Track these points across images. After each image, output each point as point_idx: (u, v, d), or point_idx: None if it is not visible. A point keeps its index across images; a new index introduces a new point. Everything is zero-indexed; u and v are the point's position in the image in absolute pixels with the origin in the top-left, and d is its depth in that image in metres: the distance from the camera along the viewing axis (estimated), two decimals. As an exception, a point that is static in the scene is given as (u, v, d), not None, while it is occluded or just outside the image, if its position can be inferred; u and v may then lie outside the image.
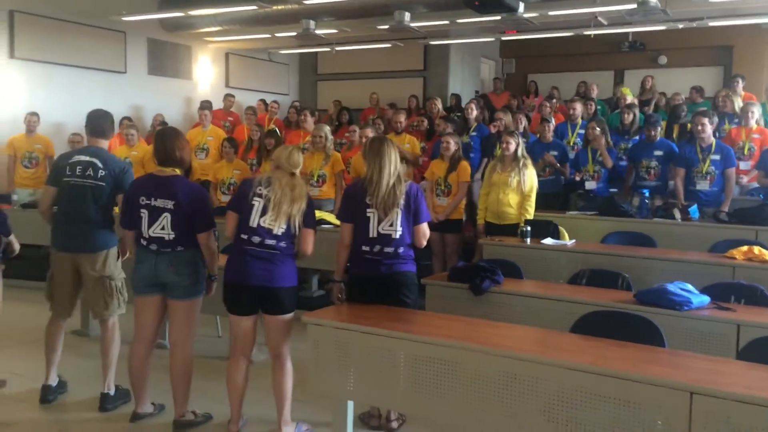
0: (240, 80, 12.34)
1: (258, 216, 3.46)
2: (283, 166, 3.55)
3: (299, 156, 3.63)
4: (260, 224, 3.45)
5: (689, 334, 3.49)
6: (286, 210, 3.45)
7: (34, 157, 8.07)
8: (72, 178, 3.93)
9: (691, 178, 6.24)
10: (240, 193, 3.58)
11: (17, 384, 4.37)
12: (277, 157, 3.62)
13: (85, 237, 3.94)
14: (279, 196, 3.45)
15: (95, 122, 4.09)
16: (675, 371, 2.57)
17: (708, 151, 6.17)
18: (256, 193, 3.49)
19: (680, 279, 3.86)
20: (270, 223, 3.45)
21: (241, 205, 3.52)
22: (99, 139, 4.08)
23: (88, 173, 3.92)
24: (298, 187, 3.52)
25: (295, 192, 3.48)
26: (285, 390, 3.55)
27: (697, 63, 12.41)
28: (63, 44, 9.29)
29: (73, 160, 3.97)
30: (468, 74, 13.20)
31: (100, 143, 4.08)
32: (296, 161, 3.59)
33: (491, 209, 5.91)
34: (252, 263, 3.45)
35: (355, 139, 7.48)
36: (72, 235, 3.95)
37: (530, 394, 2.73)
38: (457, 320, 3.41)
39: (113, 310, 4.01)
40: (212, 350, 5.14)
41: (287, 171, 3.54)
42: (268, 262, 3.45)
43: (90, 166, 3.93)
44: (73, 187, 3.92)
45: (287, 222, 3.47)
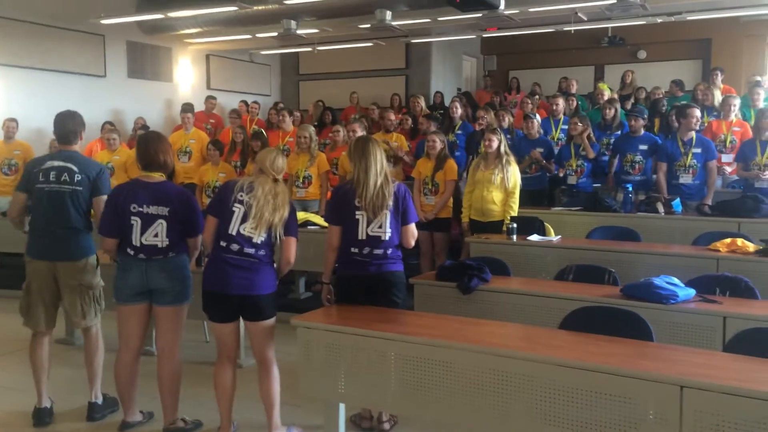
0: (221, 82, 12.27)
1: (238, 223, 3.40)
2: (266, 171, 3.49)
3: (283, 161, 3.58)
4: (240, 231, 3.40)
5: (676, 327, 3.51)
6: (267, 218, 3.39)
7: (13, 164, 7.96)
8: (46, 184, 3.80)
9: (673, 172, 6.29)
10: (220, 197, 3.51)
11: (9, 400, 4.27)
12: (260, 160, 3.55)
13: (65, 245, 3.81)
14: (261, 204, 3.38)
15: (61, 127, 3.90)
16: (665, 365, 2.58)
17: (689, 145, 6.23)
18: (237, 198, 3.42)
19: (665, 272, 3.89)
20: (250, 231, 3.39)
21: (221, 209, 3.45)
22: (69, 144, 3.92)
23: (63, 179, 3.79)
24: (281, 195, 3.45)
25: (277, 200, 3.42)
26: (273, 395, 3.53)
27: (676, 57, 12.53)
28: (41, 49, 9.18)
29: (46, 165, 3.83)
30: (450, 72, 13.24)
31: (72, 148, 3.93)
32: (279, 166, 3.54)
33: (475, 207, 5.92)
34: (231, 272, 3.39)
35: (339, 139, 7.46)
36: (51, 243, 3.81)
37: (522, 392, 2.74)
38: (447, 319, 3.42)
39: (90, 320, 3.91)
40: (200, 356, 5.10)
41: (270, 176, 3.49)
42: (248, 270, 3.40)
43: (65, 171, 3.80)
44: (50, 193, 3.79)
45: (268, 231, 3.42)
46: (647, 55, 12.78)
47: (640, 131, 6.68)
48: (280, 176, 3.53)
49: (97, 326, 3.96)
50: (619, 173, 6.71)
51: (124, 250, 3.60)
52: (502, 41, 12.88)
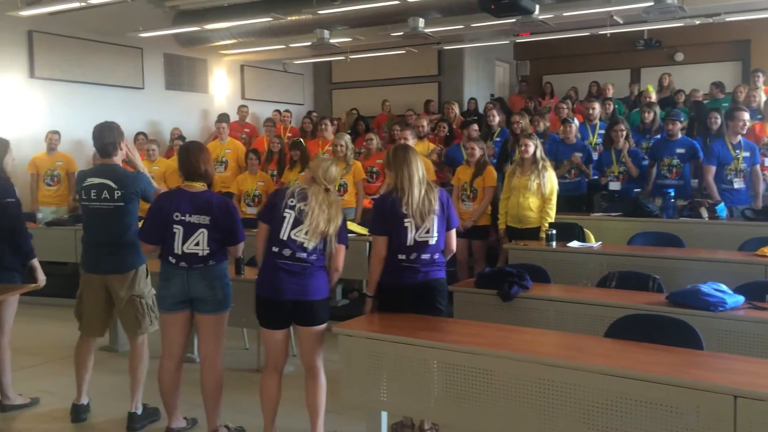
0: (255, 92, 12.41)
1: (289, 228, 3.42)
2: (318, 180, 3.50)
3: (336, 170, 3.58)
4: (291, 237, 3.42)
5: (724, 335, 3.43)
6: (322, 229, 3.41)
7: (56, 175, 8.15)
8: (89, 202, 3.91)
9: (723, 176, 6.11)
10: (271, 203, 3.54)
11: (50, 402, 4.40)
12: (314, 168, 3.56)
13: (114, 259, 3.91)
14: (316, 213, 3.40)
15: (99, 140, 3.96)
16: (717, 374, 2.53)
17: (739, 148, 6.09)
18: (288, 204, 3.44)
19: (711, 279, 3.81)
20: (303, 237, 3.42)
21: (273, 216, 3.48)
22: (107, 158, 3.99)
23: (104, 196, 3.87)
24: (334, 205, 3.47)
25: (331, 210, 3.44)
26: (319, 403, 3.53)
27: (715, 59, 12.28)
28: (81, 62, 9.40)
29: (86, 183, 3.92)
30: (483, 78, 13.18)
31: (112, 160, 3.99)
32: (332, 176, 3.54)
33: (512, 213, 5.88)
34: (284, 278, 3.43)
35: (373, 147, 7.50)
36: (100, 257, 3.93)
37: (567, 402, 2.69)
38: (489, 327, 3.39)
39: (146, 328, 4.00)
40: (240, 362, 5.15)
41: (322, 185, 3.49)
42: (300, 275, 3.43)
43: (105, 189, 3.88)
44: (94, 211, 3.90)
45: (322, 240, 3.45)
46: (684, 57, 12.56)
47: (677, 135, 6.56)
48: (332, 186, 3.54)
49: (144, 336, 4.03)
50: (656, 177, 6.59)
51: (165, 259, 3.65)
52: (535, 46, 12.75)
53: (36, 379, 4.86)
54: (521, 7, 6.56)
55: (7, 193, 4.11)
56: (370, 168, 7.39)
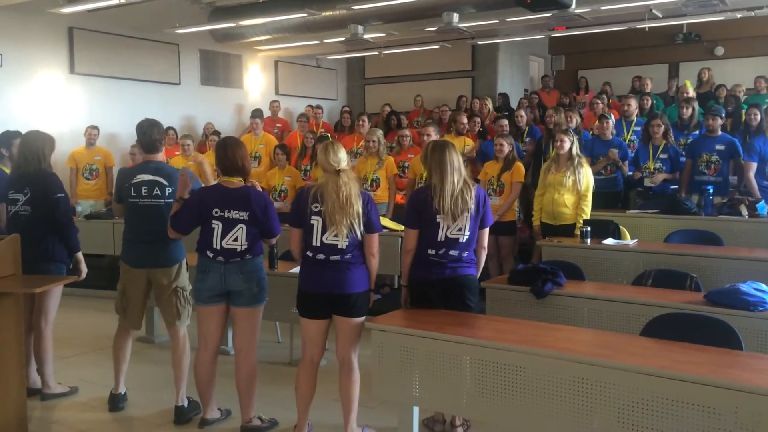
0: (289, 87, 12.49)
1: (320, 234, 3.45)
2: (326, 167, 3.49)
3: (337, 151, 3.50)
4: (324, 242, 3.45)
5: (765, 335, 3.36)
6: (340, 220, 3.40)
7: (94, 169, 8.32)
8: (139, 198, 3.98)
9: (765, 173, 5.97)
10: (297, 209, 3.55)
11: (88, 391, 4.49)
12: (319, 159, 3.57)
13: (161, 253, 3.99)
14: (330, 209, 3.39)
15: (147, 137, 4.05)
16: (757, 375, 2.47)
17: None
18: (313, 211, 3.45)
19: (751, 278, 3.75)
20: (332, 239, 3.44)
21: (302, 221, 3.50)
22: (154, 153, 4.08)
23: (155, 193, 3.96)
24: (343, 188, 3.39)
25: (341, 196, 3.39)
26: (353, 396, 3.55)
27: (757, 53, 11.92)
28: (120, 58, 9.58)
29: (137, 180, 3.98)
30: (517, 73, 13.06)
31: (157, 157, 4.10)
32: (334, 158, 3.47)
33: (546, 210, 5.81)
34: (322, 273, 3.47)
35: (405, 143, 7.49)
36: (147, 252, 3.99)
37: (602, 400, 2.67)
38: (522, 324, 3.37)
39: (184, 320, 4.08)
40: (273, 356, 5.20)
41: (331, 171, 3.47)
42: (338, 270, 3.46)
43: (156, 186, 3.97)
44: (143, 207, 3.97)
45: (349, 231, 3.44)
46: (725, 51, 12.26)
47: (717, 131, 6.43)
48: (342, 165, 3.47)
49: (185, 328, 4.10)
50: (693, 174, 6.46)
51: (203, 252, 3.70)
52: (570, 40, 12.59)
53: (75, 368, 4.97)
54: (557, 1, 6.48)
55: (58, 189, 4.23)
56: (402, 163, 7.38)
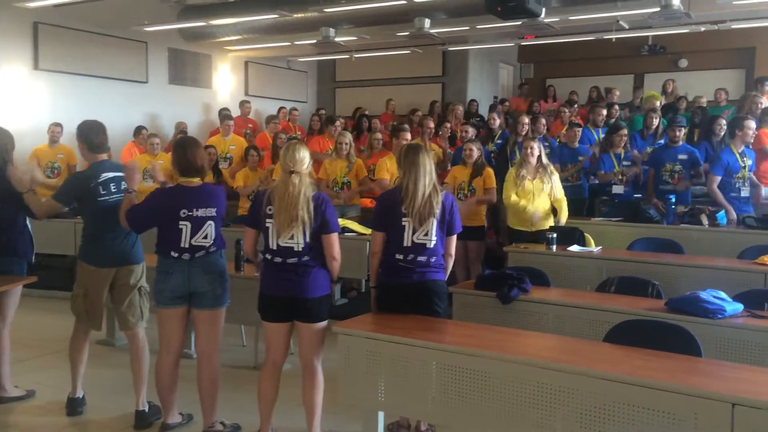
0: (259, 88, 12.41)
1: (276, 237, 3.42)
2: (283, 166, 3.47)
3: (295, 152, 3.44)
4: (279, 245, 3.43)
5: (723, 343, 3.43)
6: (286, 221, 3.35)
7: (56, 167, 8.15)
8: (109, 195, 3.92)
9: (732, 185, 6.04)
10: (253, 211, 3.55)
11: (46, 395, 4.38)
12: (280, 158, 3.56)
13: (130, 250, 3.97)
14: (278, 208, 3.37)
15: (95, 137, 3.98)
16: (715, 382, 2.52)
17: (744, 156, 6.08)
18: (267, 214, 3.43)
19: (710, 286, 3.81)
20: (288, 242, 3.41)
21: (257, 223, 3.50)
22: (101, 153, 4.01)
23: (124, 187, 3.91)
24: (289, 188, 3.35)
25: (286, 199, 3.35)
26: (315, 401, 3.53)
27: (719, 66, 12.26)
28: (86, 55, 9.40)
29: (103, 178, 3.92)
30: (486, 80, 13.18)
31: (104, 156, 4.02)
32: (297, 158, 3.42)
33: (522, 217, 5.77)
34: (281, 276, 3.45)
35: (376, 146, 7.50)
36: (115, 251, 3.93)
37: (565, 406, 2.69)
38: (489, 330, 3.39)
39: (145, 320, 4.03)
40: (237, 360, 5.14)
41: (287, 171, 3.44)
42: (297, 274, 3.44)
43: (122, 181, 3.94)
44: (112, 204, 3.90)
45: (303, 231, 3.39)
46: (689, 64, 12.55)
47: (680, 141, 6.57)
48: (299, 167, 3.42)
49: (143, 330, 4.04)
50: (657, 183, 6.59)
51: (167, 254, 3.64)
52: (539, 49, 12.75)
53: (32, 371, 4.85)
54: (528, 9, 6.55)
55: None
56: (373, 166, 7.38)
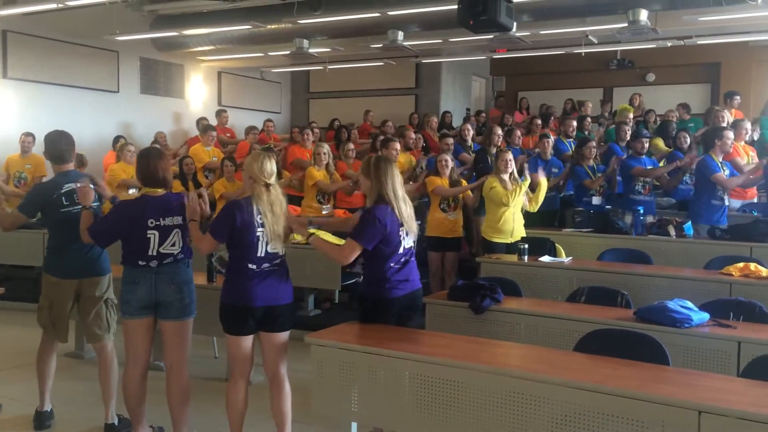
0: (232, 99, 12.37)
1: (265, 246, 3.45)
2: (256, 178, 3.46)
3: (272, 164, 3.51)
4: (268, 251, 3.46)
5: (690, 351, 3.49)
6: (280, 233, 3.47)
7: (23, 177, 8.03)
8: (72, 206, 3.87)
9: (715, 193, 6.11)
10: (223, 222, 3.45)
11: (13, 409, 4.30)
12: (248, 167, 3.50)
13: (95, 261, 3.93)
14: (270, 221, 3.42)
15: (54, 148, 3.94)
16: (683, 390, 2.57)
17: (724, 165, 6.21)
18: (259, 222, 3.43)
19: (677, 296, 3.88)
20: (274, 248, 3.49)
21: (224, 235, 3.45)
22: (64, 164, 3.97)
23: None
24: (276, 204, 3.46)
25: (276, 210, 3.46)
26: (285, 412, 3.51)
27: (685, 80, 12.57)
28: (56, 64, 9.31)
29: (66, 189, 3.88)
30: (459, 92, 13.32)
31: (69, 166, 3.99)
32: (269, 170, 3.48)
33: (505, 229, 5.81)
34: (257, 285, 3.44)
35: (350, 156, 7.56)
36: (81, 262, 3.89)
37: (537, 414, 2.72)
38: (462, 340, 3.41)
39: (112, 332, 3.98)
40: (209, 371, 5.09)
41: (261, 183, 3.45)
42: (271, 280, 3.46)
43: None
44: (76, 215, 3.84)
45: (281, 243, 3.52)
46: (656, 78, 12.83)
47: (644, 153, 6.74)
48: (270, 180, 3.48)
49: (112, 343, 3.99)
50: (628, 193, 6.72)
51: (134, 263, 3.60)
52: (511, 62, 12.95)
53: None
54: (499, 23, 6.63)
55: None
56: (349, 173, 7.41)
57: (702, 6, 6.95)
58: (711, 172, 6.07)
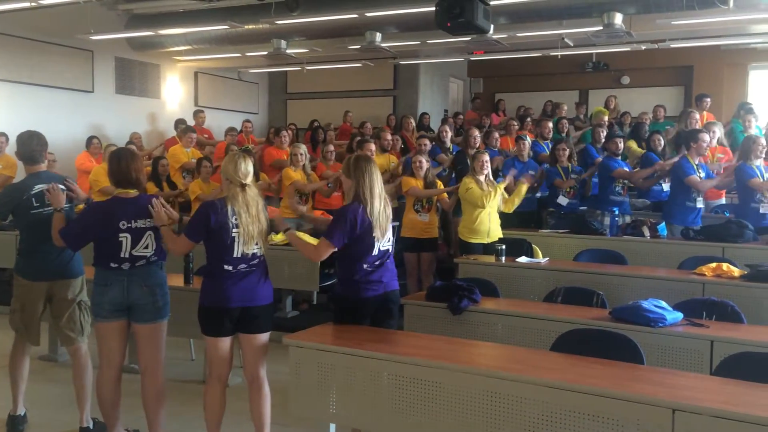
0: (209, 99, 12.27)
1: (241, 246, 3.42)
2: (232, 179, 3.45)
3: (246, 165, 3.48)
4: (243, 252, 3.43)
5: (664, 350, 3.55)
6: (255, 234, 3.43)
7: (-5, 178, 7.87)
8: (42, 208, 3.82)
9: (689, 195, 6.23)
10: (198, 223, 3.45)
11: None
12: (224, 169, 3.50)
13: (66, 264, 3.88)
14: (245, 222, 3.40)
15: (25, 148, 3.89)
16: (657, 388, 2.61)
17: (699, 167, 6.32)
18: (234, 223, 3.41)
19: (652, 295, 3.94)
20: (249, 249, 3.44)
21: (200, 236, 3.44)
22: (35, 165, 3.91)
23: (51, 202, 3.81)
24: (252, 204, 3.43)
25: (252, 210, 3.43)
26: (264, 414, 3.50)
27: (659, 83, 12.74)
28: (29, 63, 9.16)
29: (37, 190, 3.82)
30: (437, 93, 13.36)
31: (41, 167, 3.93)
32: (244, 171, 3.45)
33: (482, 229, 5.85)
34: (233, 285, 3.42)
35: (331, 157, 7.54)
36: (51, 264, 3.84)
37: (514, 414, 2.74)
38: (440, 340, 3.42)
39: (86, 335, 3.93)
40: (186, 374, 5.06)
41: (237, 184, 3.44)
42: (248, 281, 3.44)
43: None
44: (47, 216, 3.79)
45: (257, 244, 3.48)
46: (630, 80, 12.99)
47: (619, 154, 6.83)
48: (246, 180, 3.46)
49: (86, 345, 3.94)
50: (607, 194, 6.79)
51: (106, 265, 3.55)
52: (488, 64, 13.03)
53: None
54: (476, 26, 6.68)
55: None
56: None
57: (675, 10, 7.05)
58: (685, 174, 6.16)
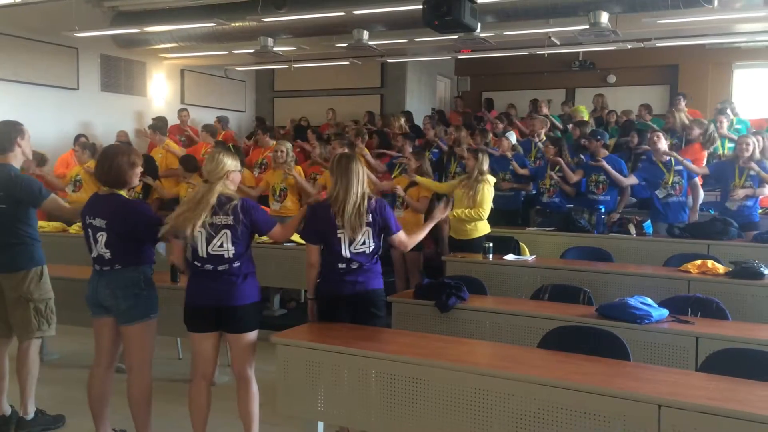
0: (196, 97, 12.21)
1: (205, 245, 3.36)
2: (204, 176, 3.44)
3: (213, 160, 3.40)
4: (210, 252, 3.37)
5: (650, 347, 3.57)
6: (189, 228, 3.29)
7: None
8: None
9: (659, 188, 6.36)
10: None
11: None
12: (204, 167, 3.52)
13: (13, 257, 3.84)
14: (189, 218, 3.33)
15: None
16: (643, 384, 2.63)
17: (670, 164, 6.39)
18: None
19: (638, 293, 3.97)
20: (218, 249, 3.36)
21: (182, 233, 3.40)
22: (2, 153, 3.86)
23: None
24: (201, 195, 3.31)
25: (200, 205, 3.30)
26: (252, 412, 3.49)
27: (645, 82, 12.83)
28: (13, 60, 9.07)
29: None
30: (425, 92, 13.37)
31: (7, 158, 3.86)
32: (207, 166, 3.40)
33: (452, 225, 5.96)
34: (209, 285, 3.39)
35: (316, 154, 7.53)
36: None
37: (502, 410, 2.75)
38: (428, 338, 3.43)
39: (34, 332, 3.89)
40: (173, 373, 5.03)
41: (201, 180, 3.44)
42: (225, 282, 3.39)
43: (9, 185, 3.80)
44: None
45: (234, 239, 3.35)
46: (617, 79, 13.07)
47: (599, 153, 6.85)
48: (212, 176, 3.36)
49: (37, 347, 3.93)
50: (585, 193, 6.84)
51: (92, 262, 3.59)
52: (475, 63, 13.06)
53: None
54: (463, 24, 6.69)
55: None
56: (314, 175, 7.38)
57: (661, 9, 7.09)
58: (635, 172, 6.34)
